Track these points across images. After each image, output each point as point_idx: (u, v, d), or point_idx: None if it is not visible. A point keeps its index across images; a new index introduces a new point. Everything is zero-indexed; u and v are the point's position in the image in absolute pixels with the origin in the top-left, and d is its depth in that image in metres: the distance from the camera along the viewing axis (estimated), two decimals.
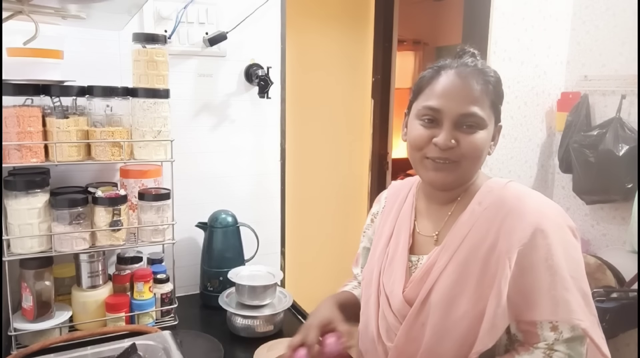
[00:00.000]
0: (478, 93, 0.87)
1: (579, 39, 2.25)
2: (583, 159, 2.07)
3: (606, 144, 1.99)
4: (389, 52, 3.08)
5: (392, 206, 1.05)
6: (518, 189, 0.91)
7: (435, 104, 0.88)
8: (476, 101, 0.87)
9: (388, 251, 0.99)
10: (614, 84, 2.10)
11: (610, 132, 2.00)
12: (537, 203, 0.88)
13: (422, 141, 0.89)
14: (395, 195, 1.07)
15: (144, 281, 1.30)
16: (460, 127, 0.87)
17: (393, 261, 0.97)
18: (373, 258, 1.03)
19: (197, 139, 1.57)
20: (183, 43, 1.50)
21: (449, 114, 0.87)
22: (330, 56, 3.00)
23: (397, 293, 0.92)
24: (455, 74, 0.88)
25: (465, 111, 0.86)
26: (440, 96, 0.87)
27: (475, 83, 0.87)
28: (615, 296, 1.78)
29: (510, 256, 0.82)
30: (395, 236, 1.00)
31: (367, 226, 1.14)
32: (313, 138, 3.01)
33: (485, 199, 0.90)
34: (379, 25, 3.06)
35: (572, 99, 2.22)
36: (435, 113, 0.88)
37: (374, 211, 1.14)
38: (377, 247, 1.04)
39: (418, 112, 0.91)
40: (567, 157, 2.17)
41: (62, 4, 1.05)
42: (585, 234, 2.28)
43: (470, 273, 0.85)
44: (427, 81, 0.91)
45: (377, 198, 1.16)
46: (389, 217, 1.04)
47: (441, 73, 0.90)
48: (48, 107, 1.21)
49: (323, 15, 2.96)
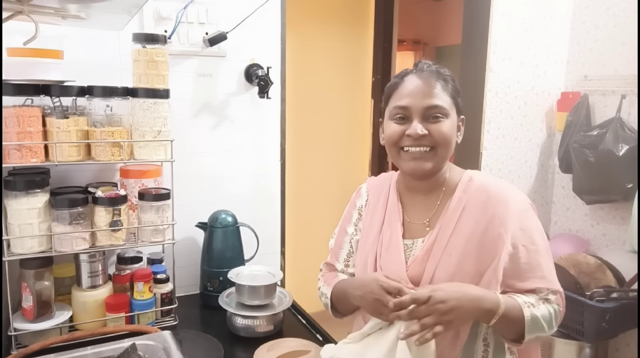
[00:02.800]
0: (438, 89, 1.01)
1: (579, 39, 2.25)
2: (583, 159, 2.07)
3: (606, 144, 1.99)
4: (389, 52, 3.08)
5: (378, 199, 1.14)
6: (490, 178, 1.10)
7: (403, 102, 1.02)
8: (437, 95, 1.01)
9: (381, 238, 1.09)
10: (614, 84, 2.10)
11: (610, 132, 2.00)
12: (511, 189, 1.05)
13: (397, 135, 1.02)
14: (377, 190, 1.16)
15: (144, 281, 1.30)
16: (427, 119, 1.01)
17: (390, 247, 1.07)
18: (365, 247, 1.12)
19: (197, 139, 1.57)
20: (183, 43, 1.50)
21: (415, 109, 1.01)
22: (330, 56, 3.00)
23: (400, 274, 1.02)
24: (416, 77, 1.03)
25: (429, 104, 1.00)
26: (407, 96, 1.02)
27: (434, 81, 1.02)
28: (615, 296, 1.78)
29: (505, 239, 0.98)
30: (387, 225, 1.10)
31: (357, 220, 1.18)
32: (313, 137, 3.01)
33: (468, 187, 1.05)
34: (379, 25, 3.06)
35: (572, 99, 2.22)
36: (404, 111, 1.02)
37: (359, 205, 1.19)
38: (368, 237, 1.12)
39: (390, 113, 1.05)
40: (567, 157, 2.18)
41: (62, 4, 1.05)
42: (585, 234, 2.28)
43: (469, 251, 0.99)
44: (394, 87, 1.06)
45: (357, 192, 1.22)
46: (376, 209, 1.13)
47: (404, 79, 1.04)
48: (48, 107, 1.21)
49: (323, 15, 2.96)
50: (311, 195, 3.03)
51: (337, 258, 1.19)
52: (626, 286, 1.89)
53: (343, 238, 1.19)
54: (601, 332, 1.79)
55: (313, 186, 3.03)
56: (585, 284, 1.88)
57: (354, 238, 1.18)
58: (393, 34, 3.08)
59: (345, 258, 1.18)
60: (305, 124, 2.94)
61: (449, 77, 1.04)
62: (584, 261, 1.97)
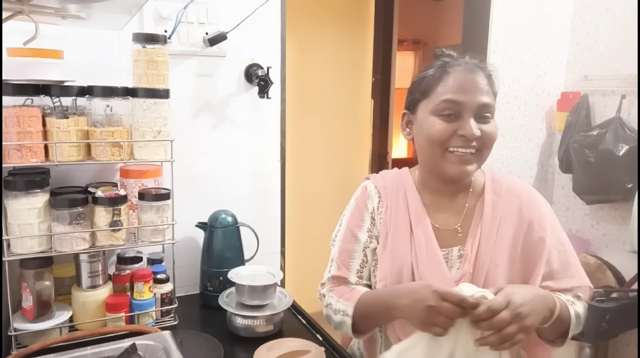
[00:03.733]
0: (487, 86, 0.95)
1: (579, 39, 2.25)
2: (583, 159, 2.07)
3: (606, 144, 1.99)
4: (389, 52, 3.08)
5: (396, 202, 1.03)
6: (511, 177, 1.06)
7: (455, 97, 0.92)
8: (487, 93, 0.94)
9: (414, 248, 0.98)
10: (614, 84, 2.10)
11: (610, 132, 2.00)
12: (534, 189, 1.04)
13: (445, 134, 0.93)
14: (390, 191, 1.05)
15: (144, 281, 1.30)
16: (478, 118, 0.93)
17: (428, 258, 0.97)
18: (396, 259, 0.99)
19: (197, 139, 1.57)
20: (183, 43, 1.50)
21: (469, 106, 0.92)
22: (330, 56, 3.00)
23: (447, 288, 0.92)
24: (464, 70, 0.94)
25: (483, 101, 0.93)
26: (458, 90, 0.92)
27: (483, 77, 0.95)
28: (615, 296, 1.78)
29: (546, 243, 0.96)
30: (416, 233, 0.99)
31: (371, 226, 1.05)
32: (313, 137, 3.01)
33: (498, 190, 1.00)
34: (379, 25, 3.06)
35: (572, 99, 2.22)
36: (456, 106, 0.93)
37: (371, 208, 1.06)
38: (397, 247, 1.00)
39: (435, 107, 0.95)
40: (567, 157, 2.17)
41: (62, 4, 1.05)
42: (585, 234, 2.28)
43: (514, 259, 0.96)
44: (436, 79, 0.96)
45: (363, 192, 1.08)
46: (397, 213, 1.01)
47: (448, 70, 0.95)
48: (48, 107, 1.21)
49: (323, 16, 2.96)
50: (311, 195, 3.03)
51: (348, 268, 1.04)
52: (626, 286, 1.89)
53: (353, 246, 1.05)
54: (601, 332, 1.79)
55: (313, 186, 3.03)
56: None
57: (369, 247, 1.04)
58: (393, 34, 3.08)
59: (358, 269, 1.04)
60: (305, 124, 2.94)
61: (491, 73, 0.98)
62: (584, 261, 1.97)
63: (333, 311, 1.03)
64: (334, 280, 1.07)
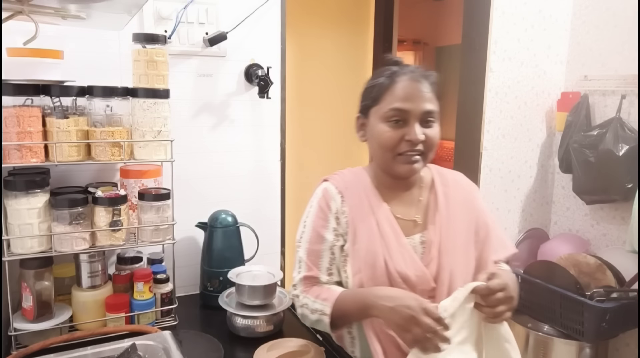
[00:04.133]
0: (430, 93, 1.05)
1: (579, 39, 2.25)
2: (583, 159, 2.07)
3: (606, 144, 1.99)
4: (389, 52, 3.07)
5: (360, 200, 1.11)
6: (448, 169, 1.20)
7: (402, 105, 1.03)
8: (431, 100, 1.05)
9: (382, 240, 1.07)
10: (614, 84, 2.10)
11: (610, 132, 2.00)
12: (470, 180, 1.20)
13: (394, 140, 1.04)
14: (352, 190, 1.13)
15: (144, 281, 1.30)
16: (423, 123, 1.04)
17: (399, 247, 1.07)
18: (370, 251, 1.07)
19: (197, 139, 1.57)
20: (183, 43, 1.50)
21: (414, 113, 1.03)
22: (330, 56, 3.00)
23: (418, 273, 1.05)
24: (410, 79, 1.05)
25: (426, 108, 1.04)
26: (405, 99, 1.03)
27: (427, 84, 1.05)
28: (615, 296, 1.78)
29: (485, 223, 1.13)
30: (383, 225, 1.08)
31: (337, 225, 1.10)
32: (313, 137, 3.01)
33: (445, 181, 1.15)
34: (379, 25, 3.06)
35: (572, 99, 2.22)
36: (403, 113, 1.03)
37: (335, 209, 1.11)
38: (370, 240, 1.07)
39: (385, 114, 1.05)
40: (567, 157, 2.17)
41: (62, 4, 1.05)
42: (585, 234, 2.28)
43: (469, 241, 1.10)
44: (386, 88, 1.06)
45: (325, 194, 1.13)
46: (362, 210, 1.10)
47: (396, 80, 1.05)
48: (48, 107, 1.21)
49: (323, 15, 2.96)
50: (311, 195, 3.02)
51: (318, 268, 1.09)
52: (626, 286, 1.89)
53: (320, 246, 1.10)
54: (601, 332, 1.79)
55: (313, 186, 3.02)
56: (585, 284, 1.88)
57: (336, 245, 1.09)
58: (393, 34, 3.08)
59: (327, 267, 1.10)
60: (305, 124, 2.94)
61: (435, 80, 1.08)
62: (584, 261, 1.97)
63: (310, 311, 1.08)
64: (306, 281, 1.11)
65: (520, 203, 2.32)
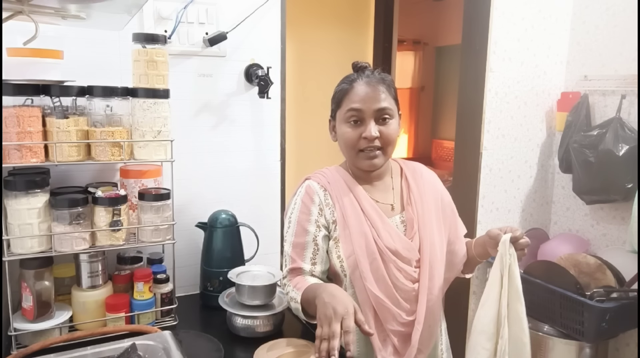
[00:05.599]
0: (385, 93, 1.17)
1: (579, 39, 2.25)
2: (583, 159, 2.07)
3: (606, 144, 1.99)
4: (389, 52, 3.08)
5: (341, 191, 1.22)
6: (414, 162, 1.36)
7: (356, 106, 1.16)
8: (385, 99, 1.17)
9: (369, 222, 1.19)
10: (614, 84, 2.10)
11: (610, 132, 2.00)
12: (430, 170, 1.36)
13: (354, 139, 1.17)
14: (333, 184, 1.24)
15: (144, 281, 1.30)
16: (378, 120, 1.17)
17: (385, 227, 1.19)
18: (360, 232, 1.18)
19: (197, 139, 1.57)
20: (183, 43, 1.50)
21: (368, 112, 1.16)
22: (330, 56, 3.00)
23: (405, 245, 1.19)
24: (365, 83, 1.18)
25: (379, 106, 1.16)
26: (359, 100, 1.16)
27: (380, 86, 1.17)
28: (615, 296, 1.78)
29: (452, 205, 1.32)
30: (367, 209, 1.20)
31: (318, 217, 1.20)
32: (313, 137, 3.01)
33: (412, 171, 1.30)
34: (379, 25, 3.06)
35: (572, 99, 2.22)
36: (358, 113, 1.16)
37: (318, 201, 1.21)
38: (357, 223, 1.19)
39: (344, 116, 1.18)
40: (567, 157, 2.17)
41: (62, 4, 1.05)
42: (585, 234, 2.28)
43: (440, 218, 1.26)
44: (344, 92, 1.19)
45: (307, 191, 1.23)
46: (345, 199, 1.21)
47: (353, 84, 1.18)
48: (48, 107, 1.21)
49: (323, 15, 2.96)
50: None
51: (302, 259, 1.19)
52: (626, 286, 1.89)
53: (304, 238, 1.19)
54: (601, 332, 1.79)
55: None
56: (585, 284, 1.88)
57: (318, 236, 1.19)
58: (393, 34, 3.08)
59: (311, 257, 1.19)
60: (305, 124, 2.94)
61: (390, 82, 1.21)
62: (584, 261, 1.97)
63: (290, 299, 1.18)
64: (292, 272, 1.21)
65: (520, 203, 2.32)
